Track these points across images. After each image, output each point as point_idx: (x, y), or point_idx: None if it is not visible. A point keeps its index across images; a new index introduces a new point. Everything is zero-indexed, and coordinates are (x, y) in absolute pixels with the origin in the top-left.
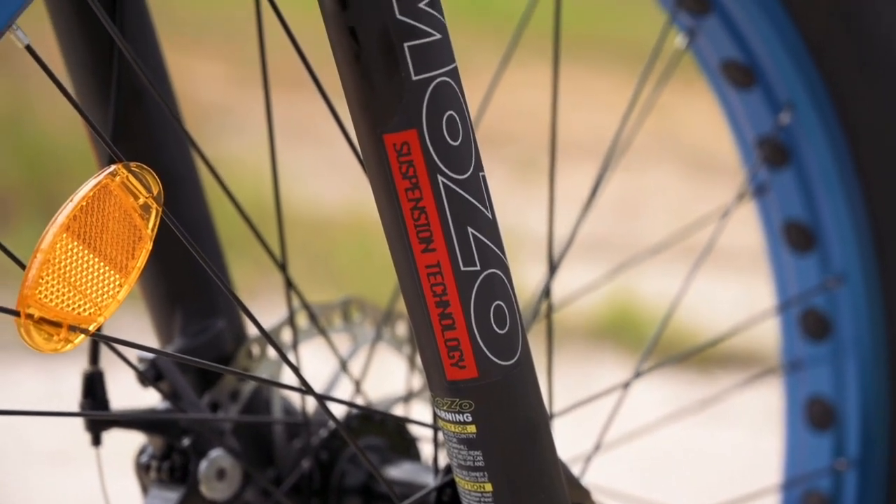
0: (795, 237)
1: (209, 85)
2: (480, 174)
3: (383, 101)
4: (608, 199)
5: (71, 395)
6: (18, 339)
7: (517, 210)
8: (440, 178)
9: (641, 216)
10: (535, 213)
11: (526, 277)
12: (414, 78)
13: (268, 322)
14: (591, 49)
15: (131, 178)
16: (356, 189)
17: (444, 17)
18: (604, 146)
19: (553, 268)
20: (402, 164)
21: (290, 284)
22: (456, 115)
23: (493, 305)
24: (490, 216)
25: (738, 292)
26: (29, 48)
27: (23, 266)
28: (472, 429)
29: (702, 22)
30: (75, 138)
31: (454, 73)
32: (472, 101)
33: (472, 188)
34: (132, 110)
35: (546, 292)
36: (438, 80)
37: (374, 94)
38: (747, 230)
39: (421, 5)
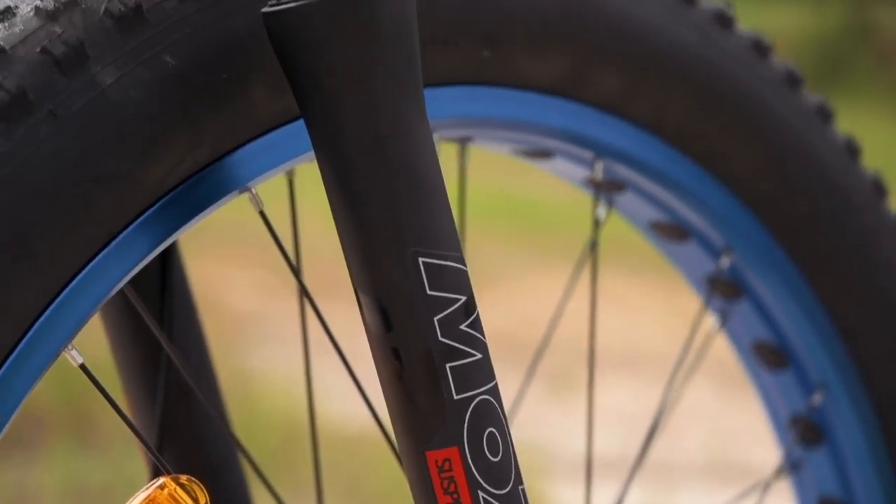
0: None
1: (242, 293)
2: (520, 487)
3: (425, 419)
4: (641, 415)
5: None
6: None
7: (552, 428)
8: (481, 493)
9: (675, 434)
10: (570, 429)
11: (559, 501)
12: (455, 397)
13: None
14: (621, 254)
15: (179, 490)
16: None
17: (484, 337)
18: (637, 354)
19: None
20: (444, 480)
21: None
22: (496, 432)
23: None
24: None
25: None
26: (83, 367)
27: None
28: None
29: (733, 305)
30: (109, 359)
31: (494, 391)
32: (503, 307)
33: (512, 502)
34: (178, 406)
35: None
36: (479, 398)
37: (417, 412)
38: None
39: (462, 327)
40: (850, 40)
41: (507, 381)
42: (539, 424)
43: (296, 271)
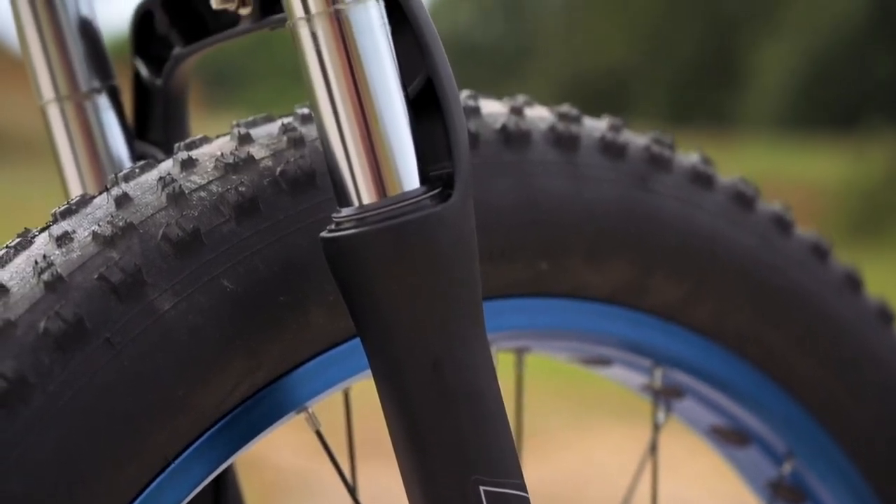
0: None
1: (286, 451)
2: None
3: None
4: None
5: None
6: None
7: None
8: None
9: None
10: None
11: None
12: None
13: None
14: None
15: None
16: None
17: None
18: None
19: None
20: None
21: None
22: None
23: None
24: None
25: None
26: None
27: None
28: None
29: None
30: None
31: None
32: (543, 465)
33: None
34: None
35: None
36: None
37: None
38: None
39: None
40: (892, 189)
41: None
42: None
43: (351, 490)
